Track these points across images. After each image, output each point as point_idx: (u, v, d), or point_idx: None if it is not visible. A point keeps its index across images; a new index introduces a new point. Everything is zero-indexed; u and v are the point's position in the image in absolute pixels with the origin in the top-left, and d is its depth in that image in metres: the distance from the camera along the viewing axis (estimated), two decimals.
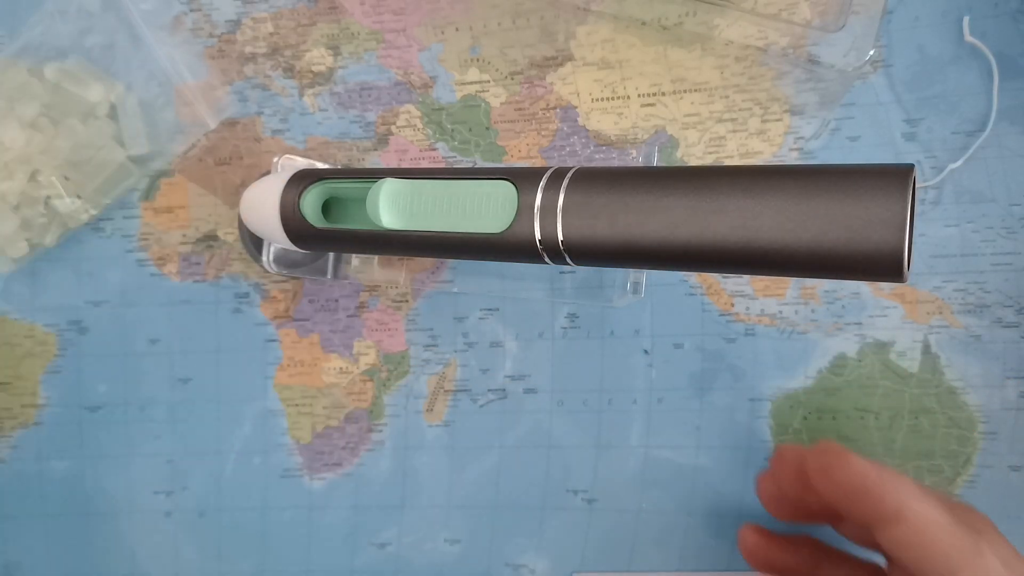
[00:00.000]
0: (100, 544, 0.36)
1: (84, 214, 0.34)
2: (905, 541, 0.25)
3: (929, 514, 0.24)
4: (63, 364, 0.36)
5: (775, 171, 0.20)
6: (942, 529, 0.24)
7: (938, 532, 0.24)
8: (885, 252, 0.19)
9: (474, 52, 0.34)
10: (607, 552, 0.34)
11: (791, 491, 0.29)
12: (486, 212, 0.24)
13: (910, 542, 0.25)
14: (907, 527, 0.25)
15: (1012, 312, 0.32)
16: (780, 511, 0.31)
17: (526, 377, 0.34)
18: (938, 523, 0.24)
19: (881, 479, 0.25)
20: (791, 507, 0.30)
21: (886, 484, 0.25)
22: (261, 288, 0.35)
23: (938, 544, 0.24)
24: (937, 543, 0.24)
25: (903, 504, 0.25)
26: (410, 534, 0.35)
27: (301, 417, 0.35)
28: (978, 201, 0.32)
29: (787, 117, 0.33)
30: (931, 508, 0.25)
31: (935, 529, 0.24)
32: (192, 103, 0.34)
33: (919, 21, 0.33)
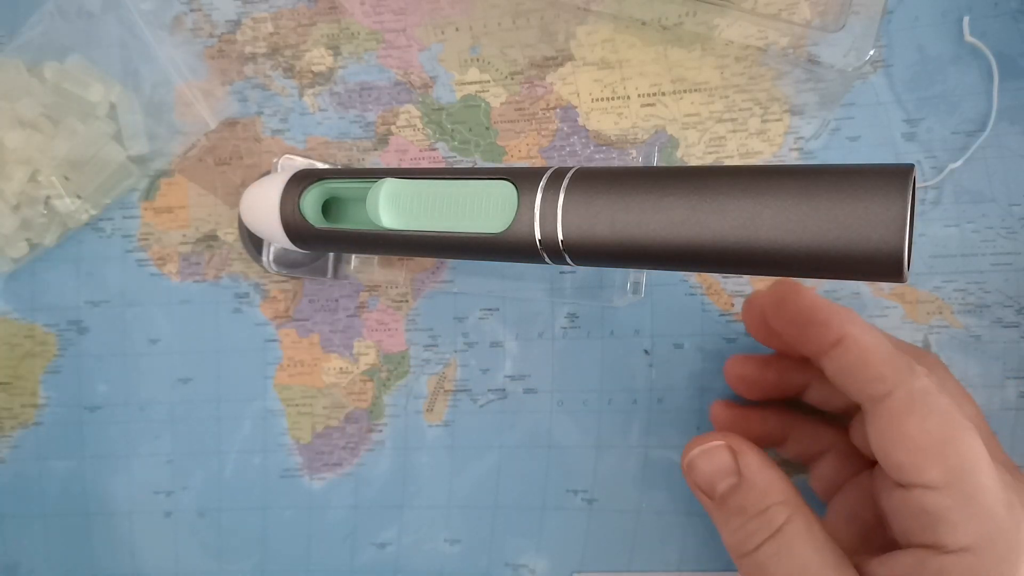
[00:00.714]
0: (100, 544, 0.36)
1: (84, 214, 0.34)
2: (843, 364, 0.25)
3: (867, 338, 0.25)
4: (63, 364, 0.36)
5: (775, 171, 0.20)
6: (877, 352, 0.25)
7: (873, 354, 0.25)
8: (885, 252, 0.19)
9: (474, 52, 0.34)
10: (607, 552, 0.34)
11: (758, 335, 0.30)
12: (486, 212, 0.24)
13: (847, 364, 0.25)
14: (844, 350, 0.25)
15: (1012, 312, 0.32)
16: (748, 390, 0.31)
17: (526, 377, 0.34)
18: (875, 347, 0.25)
19: (828, 308, 0.26)
20: (757, 383, 0.31)
21: (832, 312, 0.26)
22: (261, 288, 0.35)
23: (872, 365, 0.24)
24: (872, 365, 0.24)
25: (844, 329, 0.25)
26: (410, 534, 0.35)
27: (301, 417, 0.35)
28: (978, 201, 0.32)
29: (787, 117, 0.33)
30: (871, 334, 0.25)
31: (871, 352, 0.25)
32: (192, 103, 0.34)
33: (919, 21, 0.33)
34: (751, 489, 0.26)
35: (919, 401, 0.24)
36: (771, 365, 0.30)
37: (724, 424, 0.32)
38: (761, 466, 0.27)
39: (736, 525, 0.26)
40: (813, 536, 0.25)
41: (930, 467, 0.23)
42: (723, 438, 0.27)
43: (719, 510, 0.27)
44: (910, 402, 0.24)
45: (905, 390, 0.24)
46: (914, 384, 0.24)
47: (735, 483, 0.27)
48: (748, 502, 0.26)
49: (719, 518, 0.27)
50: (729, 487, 0.27)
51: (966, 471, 0.23)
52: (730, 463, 0.27)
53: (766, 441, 0.31)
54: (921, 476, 0.23)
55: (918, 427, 0.23)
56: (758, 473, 0.26)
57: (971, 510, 0.22)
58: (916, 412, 0.23)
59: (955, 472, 0.23)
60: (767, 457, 0.27)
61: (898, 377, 0.24)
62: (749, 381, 0.31)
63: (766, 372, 0.31)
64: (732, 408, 0.32)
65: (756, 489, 0.26)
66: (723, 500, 0.27)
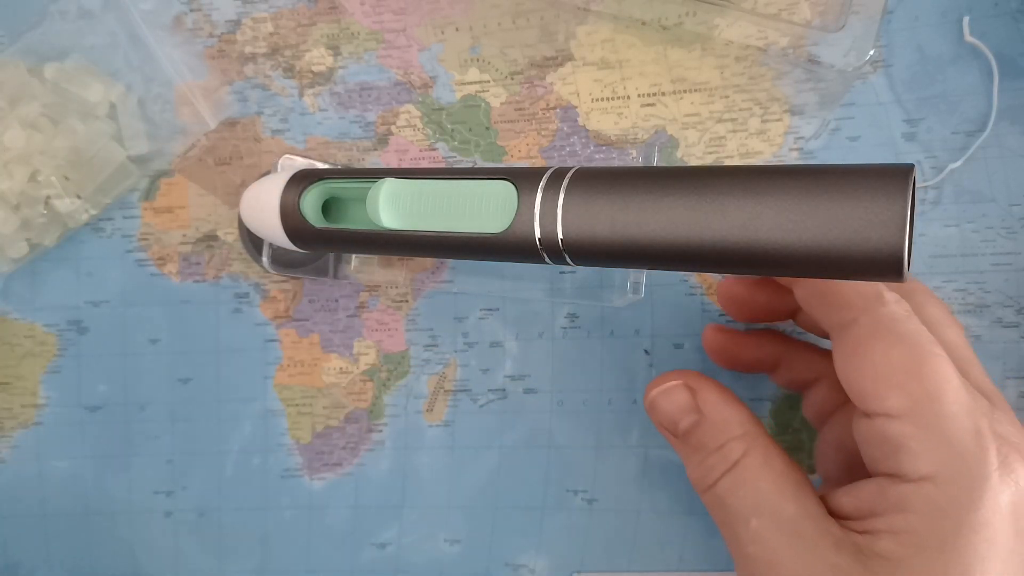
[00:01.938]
0: (100, 544, 0.36)
1: (84, 214, 0.34)
2: (810, 291, 0.25)
3: None
4: (63, 364, 0.36)
5: (775, 171, 0.20)
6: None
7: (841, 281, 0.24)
8: (885, 252, 0.19)
9: (474, 52, 0.34)
10: (607, 552, 0.34)
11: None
12: (486, 212, 0.24)
13: (814, 291, 0.25)
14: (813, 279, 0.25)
15: (1012, 312, 0.32)
16: (739, 311, 0.31)
17: (526, 377, 0.34)
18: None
19: None
20: (748, 306, 0.30)
21: None
22: (261, 288, 0.35)
23: (838, 292, 0.24)
24: (837, 291, 0.24)
25: None
26: (410, 534, 0.35)
27: (301, 417, 0.35)
28: (978, 201, 0.32)
29: (787, 117, 0.33)
30: None
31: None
32: (192, 103, 0.34)
33: (919, 21, 0.33)
34: (710, 425, 0.26)
35: (884, 328, 0.23)
36: (762, 286, 0.30)
37: (715, 348, 0.31)
38: (719, 402, 0.26)
39: (697, 460, 0.26)
40: (770, 468, 0.25)
41: (891, 395, 0.22)
42: (681, 377, 0.27)
43: (682, 446, 0.27)
44: (875, 329, 0.23)
45: (870, 317, 0.23)
46: (880, 311, 0.23)
47: (696, 420, 0.27)
48: (707, 438, 0.26)
49: (682, 453, 0.27)
50: (690, 424, 0.27)
51: (929, 398, 0.22)
52: (689, 401, 0.27)
53: (758, 367, 0.31)
54: (882, 404, 0.23)
55: (882, 354, 0.23)
56: (716, 409, 0.26)
57: (932, 438, 0.22)
58: (880, 339, 0.23)
59: (917, 399, 0.22)
60: (727, 392, 0.27)
61: (864, 304, 0.23)
62: (739, 301, 0.30)
63: (756, 293, 0.30)
64: (724, 332, 0.31)
65: (714, 425, 0.26)
66: (685, 437, 0.27)
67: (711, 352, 0.32)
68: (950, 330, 0.26)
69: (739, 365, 0.32)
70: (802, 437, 0.34)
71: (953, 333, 0.26)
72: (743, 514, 0.24)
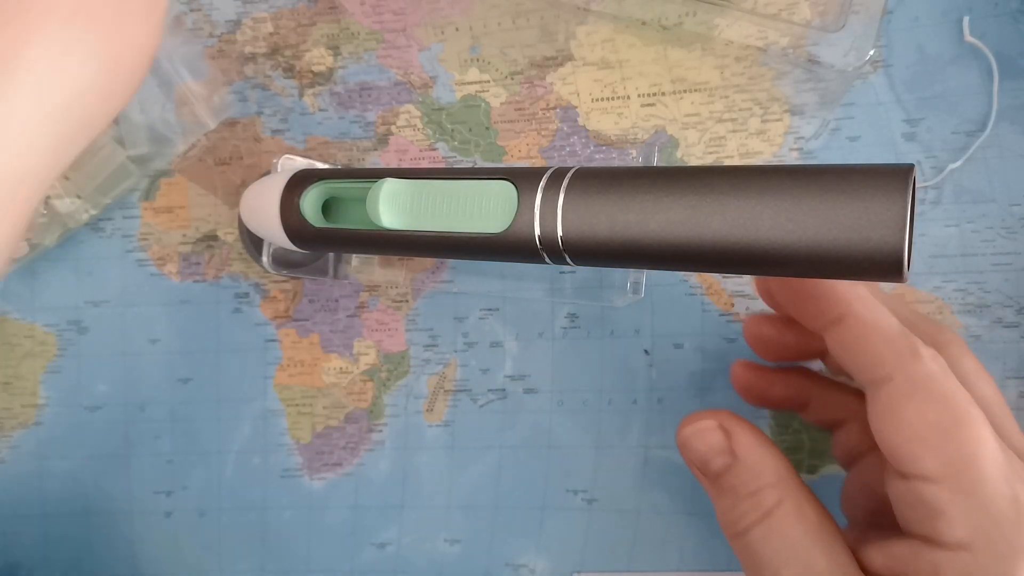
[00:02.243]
0: (100, 544, 0.36)
1: (84, 214, 0.34)
2: (844, 344, 0.24)
3: (869, 316, 0.24)
4: (63, 364, 0.36)
5: (775, 171, 0.20)
6: (880, 332, 0.23)
7: (875, 335, 0.23)
8: (885, 252, 0.19)
9: (474, 52, 0.34)
10: (607, 552, 0.34)
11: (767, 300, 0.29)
12: (486, 212, 0.24)
13: (848, 345, 0.24)
14: (846, 329, 0.24)
15: (1012, 312, 0.32)
16: (766, 351, 0.30)
17: (526, 377, 0.34)
18: (877, 326, 0.23)
19: (831, 283, 0.25)
20: (775, 344, 0.30)
21: (836, 287, 0.24)
22: (261, 288, 0.35)
23: (872, 347, 0.23)
24: (872, 346, 0.23)
25: (847, 307, 0.24)
26: (410, 534, 0.35)
27: (301, 417, 0.35)
28: (978, 201, 0.32)
29: (787, 117, 0.33)
30: (874, 312, 0.24)
31: (873, 331, 0.23)
32: (192, 103, 0.34)
33: (919, 21, 0.33)
34: (743, 469, 0.26)
35: (920, 387, 0.22)
36: (791, 327, 0.29)
37: (744, 385, 0.31)
38: (754, 446, 0.26)
39: (728, 504, 0.26)
40: (804, 518, 0.24)
41: (928, 457, 0.22)
42: (715, 417, 0.27)
43: (713, 487, 0.27)
44: (910, 388, 0.22)
45: (906, 375, 0.23)
46: (916, 368, 0.23)
47: (728, 462, 0.26)
48: (740, 482, 0.26)
49: (713, 494, 0.27)
50: (723, 466, 0.26)
51: (966, 462, 0.22)
52: (723, 442, 0.26)
53: (788, 405, 0.31)
54: (918, 466, 0.22)
55: (917, 415, 0.22)
56: (750, 453, 0.26)
57: (969, 504, 0.21)
58: (916, 399, 0.22)
59: (954, 463, 0.22)
60: (761, 436, 0.26)
61: (899, 360, 0.23)
62: (767, 341, 0.30)
63: (785, 333, 0.29)
64: (753, 370, 0.31)
65: (748, 470, 0.26)
66: (716, 479, 0.26)
67: (739, 389, 0.31)
68: (985, 385, 0.25)
69: (768, 403, 0.31)
70: (802, 438, 0.34)
71: (988, 388, 0.25)
72: (773, 564, 0.24)
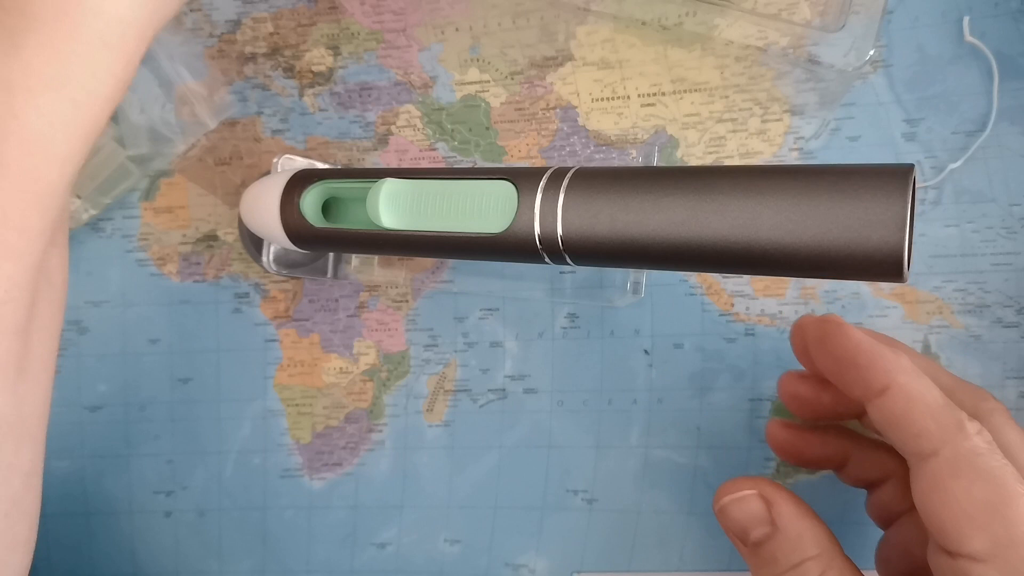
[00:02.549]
0: (100, 544, 0.36)
1: (84, 214, 0.34)
2: (887, 416, 0.24)
3: (914, 389, 0.23)
4: (63, 364, 0.36)
5: (775, 171, 0.20)
6: (925, 406, 0.23)
7: (920, 408, 0.23)
8: (885, 252, 0.19)
9: (474, 52, 0.34)
10: (607, 552, 0.34)
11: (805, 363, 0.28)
12: (486, 212, 0.24)
13: (891, 417, 0.24)
14: (890, 401, 0.23)
15: (1012, 312, 0.32)
16: (801, 410, 0.30)
17: (526, 377, 0.34)
18: (922, 399, 0.23)
19: (874, 352, 0.24)
20: (811, 404, 0.29)
21: (878, 357, 0.24)
22: (261, 288, 0.35)
23: (917, 420, 0.23)
24: (917, 420, 0.23)
25: (891, 378, 0.23)
26: (410, 534, 0.35)
27: (301, 417, 0.35)
28: (978, 201, 0.32)
29: (787, 117, 0.33)
30: (919, 384, 0.23)
31: (917, 405, 0.23)
32: (192, 103, 0.34)
33: (919, 21, 0.33)
34: (784, 540, 0.25)
35: (966, 463, 0.22)
36: (827, 387, 0.29)
37: (780, 444, 0.30)
38: (795, 516, 0.25)
39: (767, 575, 0.25)
40: None
41: (975, 536, 0.21)
42: (755, 485, 0.26)
43: (752, 556, 0.26)
44: (956, 464, 0.22)
45: (951, 450, 0.22)
46: (962, 444, 0.22)
47: (768, 532, 0.26)
48: (781, 553, 0.25)
49: (752, 563, 0.26)
50: (763, 535, 0.26)
51: (1014, 542, 0.21)
52: (763, 512, 0.26)
53: (825, 464, 0.30)
54: (965, 545, 0.22)
55: (964, 492, 0.22)
56: (792, 524, 0.25)
57: None
58: (962, 476, 0.22)
59: (1001, 543, 0.21)
60: (803, 506, 0.26)
61: (945, 435, 0.23)
62: (803, 401, 0.30)
63: (822, 394, 0.29)
64: (790, 429, 0.30)
65: (789, 541, 0.25)
66: (756, 548, 0.26)
67: (775, 448, 0.30)
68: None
69: (804, 462, 0.31)
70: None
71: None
72: None
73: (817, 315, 0.28)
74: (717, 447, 0.34)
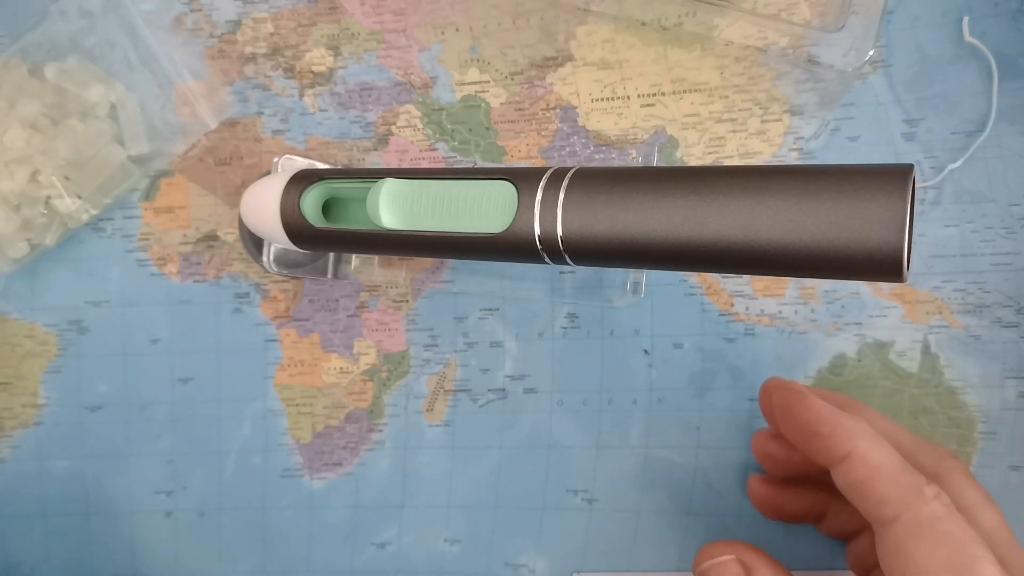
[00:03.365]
0: (100, 544, 0.36)
1: (84, 214, 0.34)
2: (850, 483, 0.25)
3: (874, 457, 0.24)
4: (63, 364, 0.36)
5: (775, 171, 0.20)
6: (885, 473, 0.24)
7: (880, 475, 0.24)
8: (885, 252, 0.19)
9: (474, 52, 0.34)
10: (607, 552, 0.34)
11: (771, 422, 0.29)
12: (486, 212, 0.24)
13: (854, 484, 0.25)
14: (852, 469, 0.25)
15: (1012, 312, 0.32)
16: (775, 467, 0.31)
17: (526, 377, 0.34)
18: (882, 467, 0.24)
19: (834, 421, 0.25)
20: (784, 462, 0.30)
21: (838, 426, 0.25)
22: (261, 288, 0.35)
23: (878, 487, 0.24)
24: (878, 487, 0.24)
25: (851, 445, 0.25)
26: (410, 534, 0.35)
27: (301, 417, 0.35)
28: (978, 201, 0.32)
29: (787, 117, 0.33)
30: (878, 451, 0.24)
31: (878, 473, 0.24)
32: (192, 103, 0.34)
33: (919, 21, 0.33)
34: None
35: (926, 528, 0.23)
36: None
37: (760, 500, 0.32)
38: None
39: None
40: None
41: None
42: (734, 550, 0.27)
43: None
44: (917, 529, 0.23)
45: (912, 515, 0.23)
46: (921, 509, 0.23)
47: None
48: None
49: None
50: None
51: None
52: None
53: (804, 518, 0.31)
54: None
55: (926, 556, 0.23)
56: None
57: None
58: (924, 539, 0.23)
59: None
60: (780, 570, 0.27)
61: (905, 500, 0.24)
62: (775, 460, 0.31)
63: (792, 453, 0.30)
64: (768, 485, 0.31)
65: None
66: None
67: (756, 503, 0.32)
68: (989, 516, 0.26)
69: (784, 517, 0.32)
70: None
71: (992, 518, 0.26)
72: None
73: (782, 380, 0.29)
74: (717, 447, 0.34)
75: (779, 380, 0.29)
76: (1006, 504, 0.33)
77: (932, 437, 0.33)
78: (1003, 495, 0.33)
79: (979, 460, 0.33)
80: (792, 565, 0.33)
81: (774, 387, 0.28)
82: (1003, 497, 0.33)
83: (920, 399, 0.33)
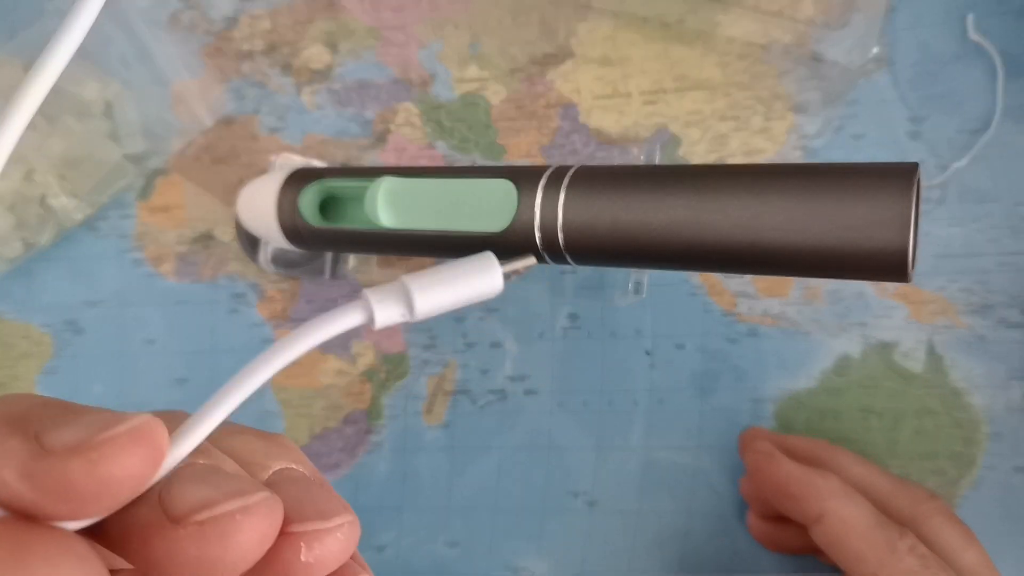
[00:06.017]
0: None
1: (79, 213, 0.34)
2: (826, 542, 0.26)
3: (847, 514, 0.25)
4: (59, 365, 0.35)
5: (778, 169, 0.20)
6: (857, 530, 0.25)
7: (853, 534, 0.25)
8: (890, 251, 0.18)
9: (474, 49, 0.34)
10: (608, 554, 0.34)
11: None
12: (485, 211, 0.24)
13: (830, 542, 0.26)
14: (826, 527, 0.26)
15: (1017, 312, 0.32)
16: (772, 544, 0.32)
17: (526, 378, 0.34)
18: (855, 524, 0.25)
19: (804, 481, 0.26)
20: (777, 542, 0.31)
21: (808, 486, 0.26)
22: (258, 288, 0.35)
23: (853, 546, 0.25)
24: (853, 544, 0.25)
25: (823, 505, 0.26)
26: (409, 536, 0.35)
27: (299, 419, 0.35)
28: (983, 200, 0.32)
29: (790, 115, 0.33)
30: (849, 508, 0.25)
31: (851, 531, 0.25)
32: (189, 101, 0.34)
33: (922, 18, 0.33)
34: None
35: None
36: (787, 526, 0.30)
37: (762, 536, 0.32)
38: None
39: None
40: None
41: None
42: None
43: None
44: None
45: (887, 572, 0.24)
46: (896, 566, 0.24)
47: None
48: None
49: None
50: None
51: None
52: None
53: (807, 550, 0.32)
54: None
55: None
56: None
57: None
58: None
59: None
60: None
61: (879, 558, 0.25)
62: (772, 538, 0.32)
63: (786, 529, 0.31)
64: (767, 521, 0.32)
65: None
66: None
67: (758, 539, 0.32)
68: (970, 554, 0.27)
69: (786, 549, 0.32)
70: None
71: (973, 557, 0.27)
72: None
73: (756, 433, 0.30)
74: (719, 448, 0.34)
75: (752, 433, 0.30)
76: (1011, 505, 0.33)
77: (936, 438, 0.33)
78: (1008, 496, 0.33)
79: (984, 461, 0.33)
80: (801, 567, 0.32)
81: (747, 442, 0.29)
82: (1008, 499, 0.33)
83: (925, 400, 0.33)
